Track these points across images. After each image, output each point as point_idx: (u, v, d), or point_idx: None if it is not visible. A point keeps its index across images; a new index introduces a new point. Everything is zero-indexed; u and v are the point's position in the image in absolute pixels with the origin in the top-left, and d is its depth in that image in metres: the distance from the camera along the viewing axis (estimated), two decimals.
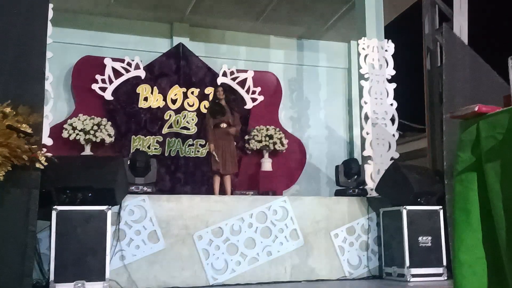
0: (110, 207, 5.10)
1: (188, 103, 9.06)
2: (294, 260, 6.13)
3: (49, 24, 5.46)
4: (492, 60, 6.55)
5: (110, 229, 5.07)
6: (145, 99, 8.83)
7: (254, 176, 9.11)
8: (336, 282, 6.11)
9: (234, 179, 8.45)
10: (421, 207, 6.11)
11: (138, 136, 8.69)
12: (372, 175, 7.22)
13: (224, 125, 7.57)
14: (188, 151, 8.91)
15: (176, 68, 9.05)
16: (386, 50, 7.66)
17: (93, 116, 8.25)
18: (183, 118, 8.99)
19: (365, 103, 7.43)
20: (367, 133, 7.38)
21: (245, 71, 9.44)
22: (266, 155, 9.16)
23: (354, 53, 9.04)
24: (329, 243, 6.31)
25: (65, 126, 8.10)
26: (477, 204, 2.37)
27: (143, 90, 8.83)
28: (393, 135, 7.48)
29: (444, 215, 6.05)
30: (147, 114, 8.80)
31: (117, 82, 8.64)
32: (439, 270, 5.95)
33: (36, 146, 4.56)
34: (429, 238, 6.00)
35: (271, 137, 9.11)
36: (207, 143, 7.80)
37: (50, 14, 5.61)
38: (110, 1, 8.52)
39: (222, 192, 7.46)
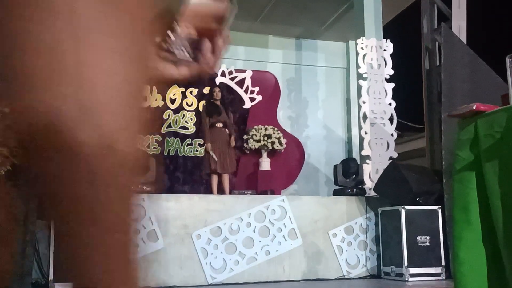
0: None
1: (186, 102, 9.06)
2: (293, 260, 6.13)
3: None
4: (490, 60, 6.56)
5: None
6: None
7: (252, 175, 9.10)
8: (334, 282, 6.11)
9: (233, 179, 8.45)
10: (420, 207, 6.11)
11: None
12: (370, 174, 7.22)
13: (220, 124, 7.59)
14: (187, 151, 8.91)
15: None
16: (384, 50, 7.66)
17: None
18: (182, 118, 8.99)
19: (364, 102, 7.43)
20: (366, 133, 7.38)
21: (244, 70, 9.43)
22: (265, 154, 9.15)
23: (353, 53, 9.05)
24: (327, 243, 6.32)
25: None
26: (476, 202, 2.38)
27: None
28: (392, 135, 7.48)
29: (442, 214, 6.06)
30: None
31: None
32: (438, 269, 5.95)
33: None
34: (428, 237, 6.00)
35: (269, 136, 9.10)
36: (204, 143, 7.82)
37: None
38: None
39: (221, 191, 7.46)
